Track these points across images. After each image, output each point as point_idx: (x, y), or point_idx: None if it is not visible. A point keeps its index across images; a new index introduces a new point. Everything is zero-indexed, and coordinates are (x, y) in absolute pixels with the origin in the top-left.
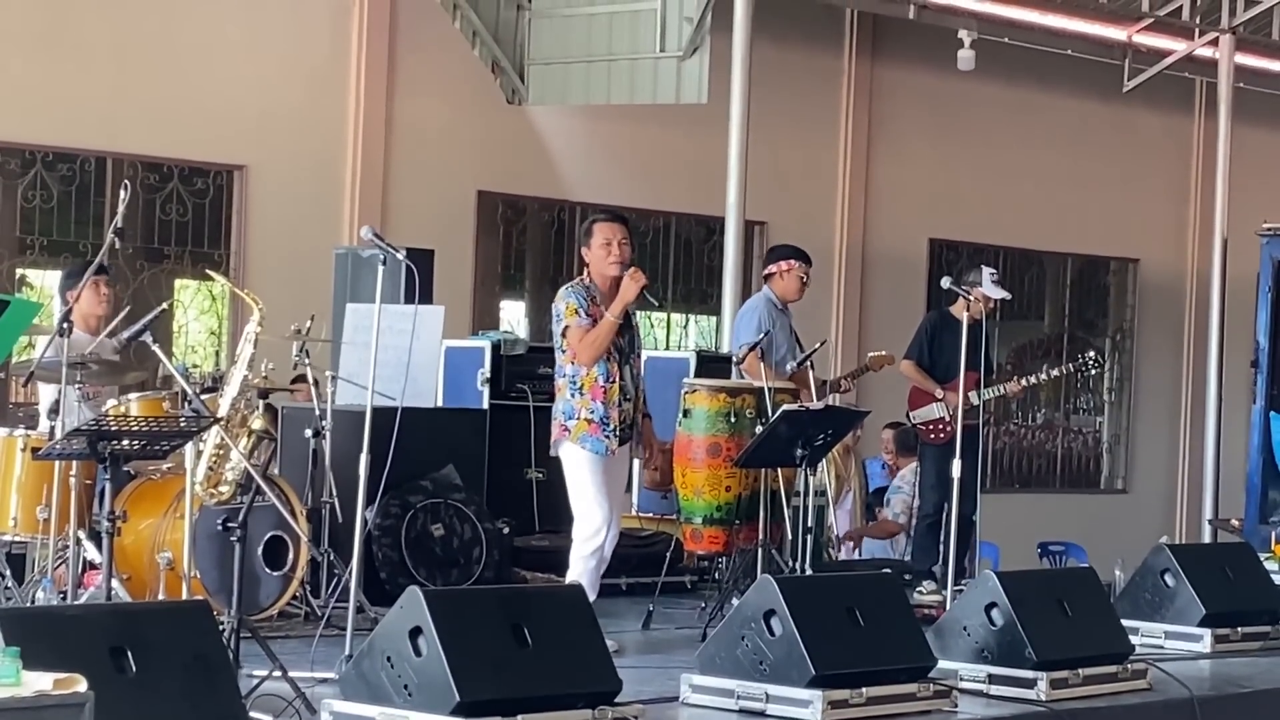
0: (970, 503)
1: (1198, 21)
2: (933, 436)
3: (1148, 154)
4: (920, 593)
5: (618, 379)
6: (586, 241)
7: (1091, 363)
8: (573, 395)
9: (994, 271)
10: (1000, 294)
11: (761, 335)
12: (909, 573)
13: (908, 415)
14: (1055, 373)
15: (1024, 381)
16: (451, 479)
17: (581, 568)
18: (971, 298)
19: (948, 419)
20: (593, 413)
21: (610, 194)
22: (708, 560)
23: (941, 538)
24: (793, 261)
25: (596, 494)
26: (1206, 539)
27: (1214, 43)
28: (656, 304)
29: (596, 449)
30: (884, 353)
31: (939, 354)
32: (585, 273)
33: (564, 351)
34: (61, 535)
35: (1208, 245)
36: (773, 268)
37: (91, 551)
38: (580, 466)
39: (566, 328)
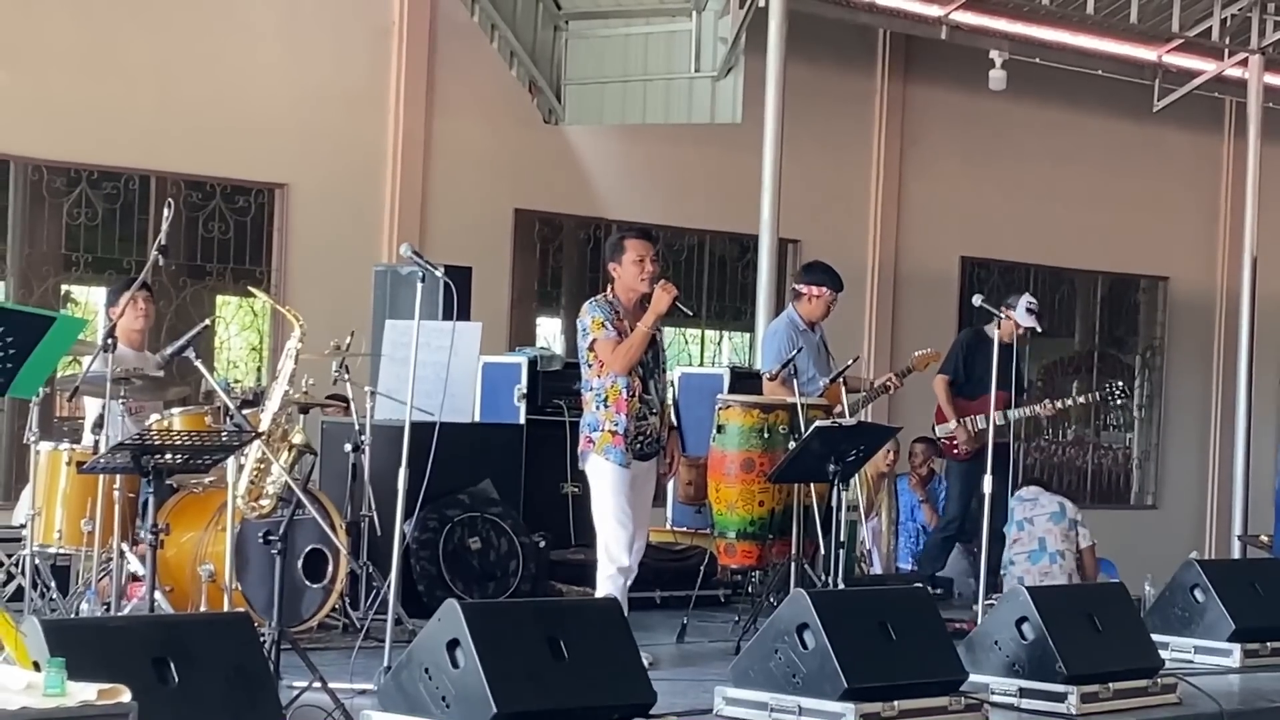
0: (1001, 517)
1: (1227, 42)
2: (955, 452)
3: (1178, 173)
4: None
5: (639, 392)
6: (616, 257)
7: (1118, 393)
8: (598, 408)
9: (1033, 301)
10: (1030, 323)
11: (793, 353)
12: (939, 587)
13: (933, 429)
14: (1082, 400)
15: (1053, 405)
16: (488, 493)
17: (609, 586)
18: (1002, 316)
19: (963, 443)
20: (616, 425)
21: (645, 212)
22: (741, 574)
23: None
24: (825, 289)
25: (619, 512)
26: (1236, 555)
27: (1243, 63)
28: (691, 314)
29: (619, 460)
30: (929, 350)
31: (971, 371)
32: (609, 288)
33: (590, 366)
34: (105, 548)
35: (1237, 263)
36: (803, 289)
37: (134, 564)
38: (604, 480)
39: (594, 341)
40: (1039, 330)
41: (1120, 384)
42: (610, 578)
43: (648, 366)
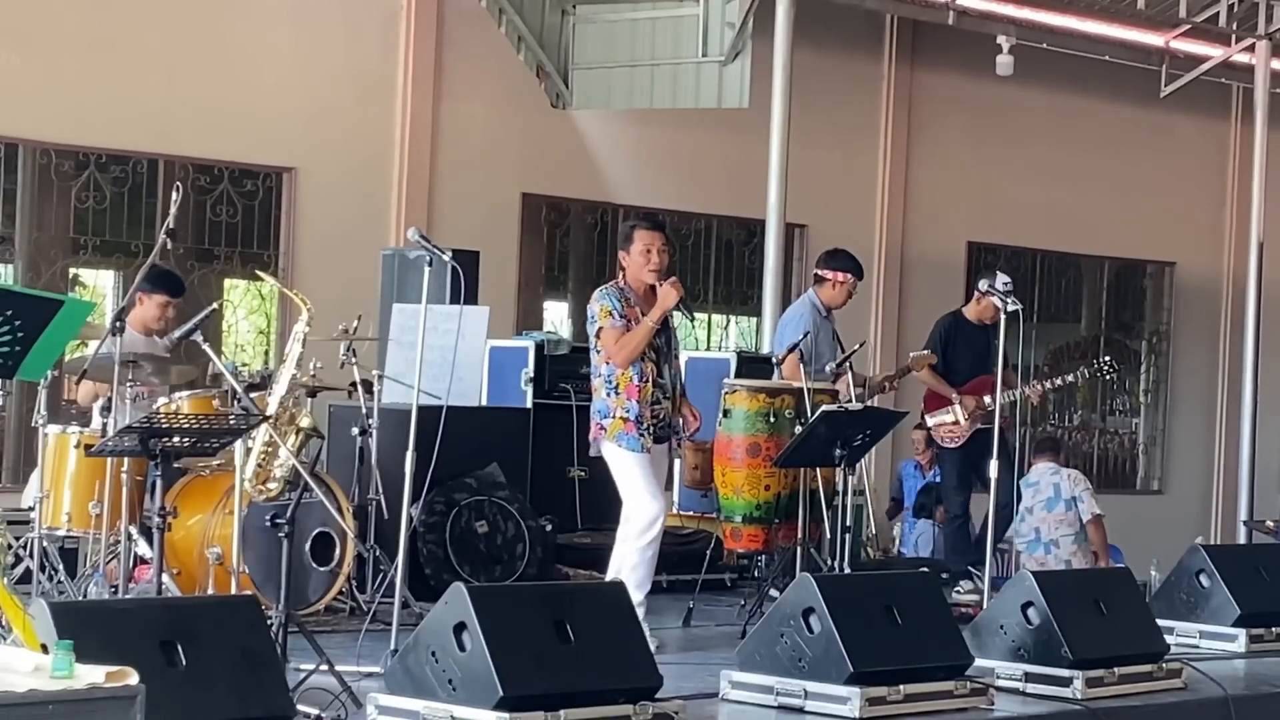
0: (1006, 502)
1: (1234, 28)
2: (946, 440)
3: (1184, 158)
4: (958, 592)
5: (652, 378)
6: (625, 246)
7: (1107, 367)
8: (608, 395)
9: (1008, 280)
10: (1015, 306)
11: (802, 336)
12: (946, 572)
13: (923, 417)
14: (1071, 378)
15: (1040, 386)
16: (495, 477)
17: (637, 559)
18: (985, 298)
19: (963, 422)
20: (628, 411)
21: (652, 197)
22: (747, 558)
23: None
24: (849, 276)
25: (647, 485)
26: (1241, 540)
27: (1250, 49)
28: (691, 319)
29: (632, 446)
30: (926, 352)
31: (955, 357)
32: (621, 275)
33: (599, 352)
34: (113, 530)
35: (1244, 249)
36: (827, 275)
37: (142, 547)
38: (624, 462)
39: (601, 329)
40: (1018, 308)
41: (1109, 359)
42: (639, 550)
43: (661, 351)
